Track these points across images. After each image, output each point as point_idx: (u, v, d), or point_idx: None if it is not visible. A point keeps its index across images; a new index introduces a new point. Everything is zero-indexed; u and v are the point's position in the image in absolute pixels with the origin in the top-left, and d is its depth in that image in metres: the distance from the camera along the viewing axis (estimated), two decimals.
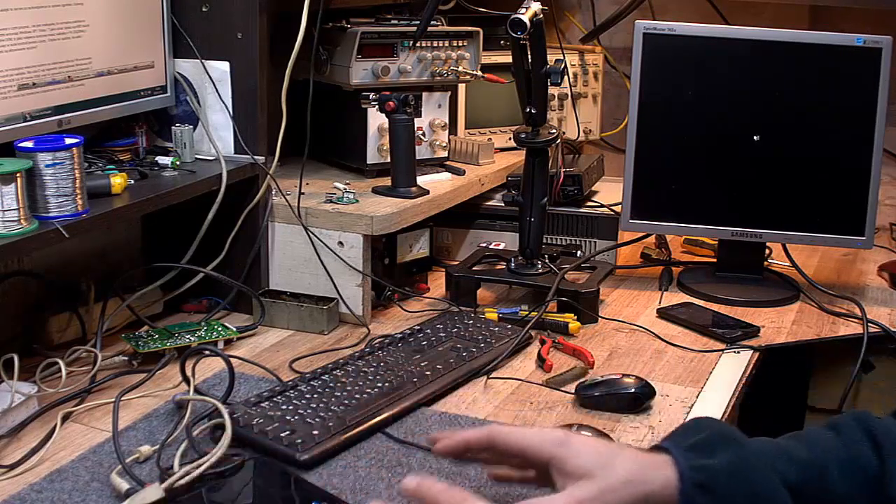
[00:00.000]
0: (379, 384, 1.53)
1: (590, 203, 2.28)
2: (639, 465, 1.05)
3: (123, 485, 1.24)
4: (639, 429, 1.49)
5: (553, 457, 1.07)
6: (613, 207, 2.22)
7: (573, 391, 1.58)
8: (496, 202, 2.27)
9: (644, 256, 2.30)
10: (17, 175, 1.42)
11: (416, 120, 1.99)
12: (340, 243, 1.85)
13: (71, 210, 1.50)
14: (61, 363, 1.56)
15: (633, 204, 2.09)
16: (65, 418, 1.47)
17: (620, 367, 1.70)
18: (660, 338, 1.84)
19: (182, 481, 1.23)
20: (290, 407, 1.45)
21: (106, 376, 1.61)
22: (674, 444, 1.07)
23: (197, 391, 1.49)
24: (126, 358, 1.67)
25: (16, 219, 1.41)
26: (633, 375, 1.58)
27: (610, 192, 2.29)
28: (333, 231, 1.85)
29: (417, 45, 2.05)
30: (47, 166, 1.47)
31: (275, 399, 1.47)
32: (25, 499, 1.26)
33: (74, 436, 1.44)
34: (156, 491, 1.18)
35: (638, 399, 1.55)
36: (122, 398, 1.49)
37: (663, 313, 1.95)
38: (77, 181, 1.50)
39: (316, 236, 1.85)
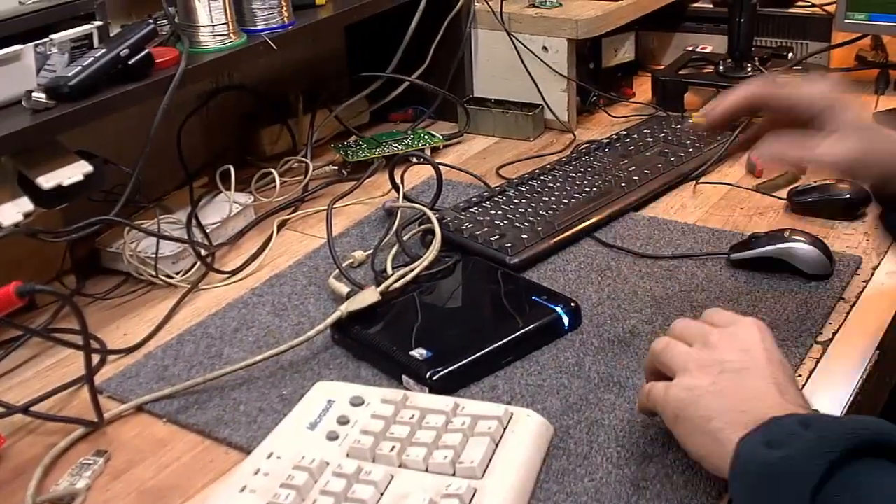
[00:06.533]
0: (587, 189, 1.51)
1: (801, 3, 2.15)
2: None
3: (343, 288, 1.28)
4: (853, 235, 1.42)
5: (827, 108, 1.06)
6: (827, 7, 2.09)
7: (785, 197, 1.53)
8: (704, 3, 2.16)
9: (859, 59, 2.16)
10: None
11: None
12: (544, 48, 1.81)
13: (277, 22, 1.51)
14: (275, 173, 1.60)
15: (849, 1, 1.96)
16: (280, 226, 1.52)
17: None
18: None
19: (396, 285, 1.26)
20: (499, 212, 1.45)
21: (317, 185, 1.65)
22: None
23: (406, 198, 1.51)
24: (336, 167, 1.70)
25: (225, 32, 1.43)
26: (848, 181, 1.51)
27: None
28: (537, 36, 1.81)
29: None
30: None
31: (483, 204, 1.48)
32: (248, 303, 1.32)
33: (290, 242, 1.49)
34: (372, 294, 1.21)
35: (853, 205, 1.47)
36: (334, 206, 1.52)
37: (879, 117, 1.84)
38: None
39: (520, 41, 1.82)
